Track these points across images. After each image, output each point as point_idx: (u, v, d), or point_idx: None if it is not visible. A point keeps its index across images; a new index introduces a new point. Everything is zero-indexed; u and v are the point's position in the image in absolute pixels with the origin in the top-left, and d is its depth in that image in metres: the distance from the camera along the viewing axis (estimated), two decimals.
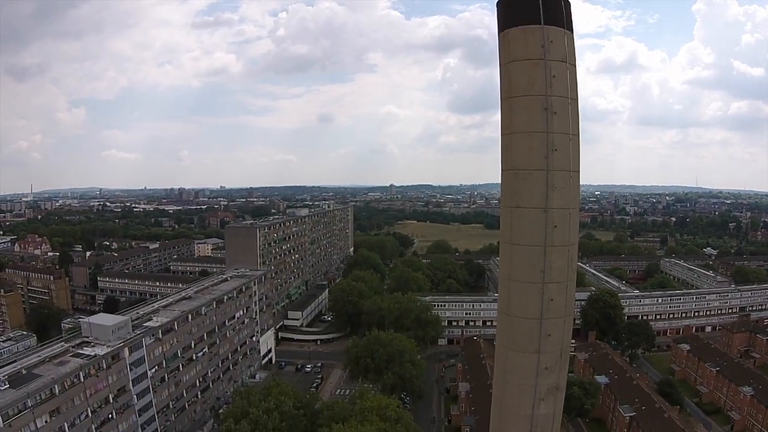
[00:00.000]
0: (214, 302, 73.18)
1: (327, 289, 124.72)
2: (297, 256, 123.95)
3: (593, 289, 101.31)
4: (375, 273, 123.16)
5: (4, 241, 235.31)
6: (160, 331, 60.32)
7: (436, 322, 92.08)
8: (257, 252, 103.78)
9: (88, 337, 54.78)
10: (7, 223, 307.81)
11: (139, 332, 57.30)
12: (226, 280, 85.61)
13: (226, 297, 76.58)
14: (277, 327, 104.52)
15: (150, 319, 62.37)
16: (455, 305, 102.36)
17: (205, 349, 70.07)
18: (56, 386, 45.31)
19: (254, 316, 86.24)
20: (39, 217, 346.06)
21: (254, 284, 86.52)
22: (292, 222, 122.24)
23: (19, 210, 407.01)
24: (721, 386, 74.94)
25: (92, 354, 50.81)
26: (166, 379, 61.08)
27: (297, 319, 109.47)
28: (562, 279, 13.50)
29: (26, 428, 42.19)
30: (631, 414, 62.79)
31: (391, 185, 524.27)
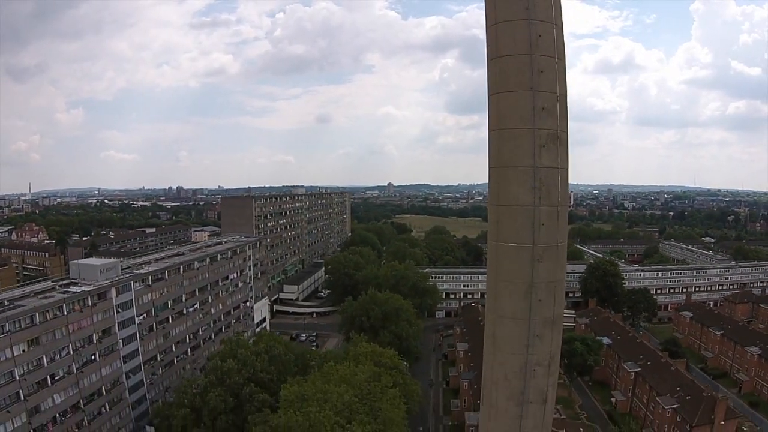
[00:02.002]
0: (208, 258, 71.55)
1: (323, 268, 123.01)
2: (293, 232, 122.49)
3: (592, 261, 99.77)
4: (372, 250, 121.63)
5: (1, 230, 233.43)
6: (150, 277, 58.66)
7: (434, 291, 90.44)
8: (253, 223, 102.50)
9: (75, 279, 53.15)
10: (5, 216, 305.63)
11: (128, 275, 55.65)
12: (220, 243, 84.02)
13: (219, 256, 74.93)
14: (273, 299, 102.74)
15: (141, 268, 60.74)
16: (453, 277, 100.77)
17: (197, 305, 68.25)
18: (37, 315, 43.63)
19: (248, 281, 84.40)
20: (37, 211, 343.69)
21: (249, 248, 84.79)
22: (288, 198, 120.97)
23: (17, 206, 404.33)
24: (726, 350, 73.34)
25: (78, 291, 49.16)
26: (155, 329, 59.24)
27: (293, 293, 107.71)
28: (551, 56, 12.58)
29: (2, 354, 40.49)
30: (636, 369, 61.30)
31: (389, 184, 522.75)
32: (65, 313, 46.36)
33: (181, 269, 65.13)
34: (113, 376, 52.06)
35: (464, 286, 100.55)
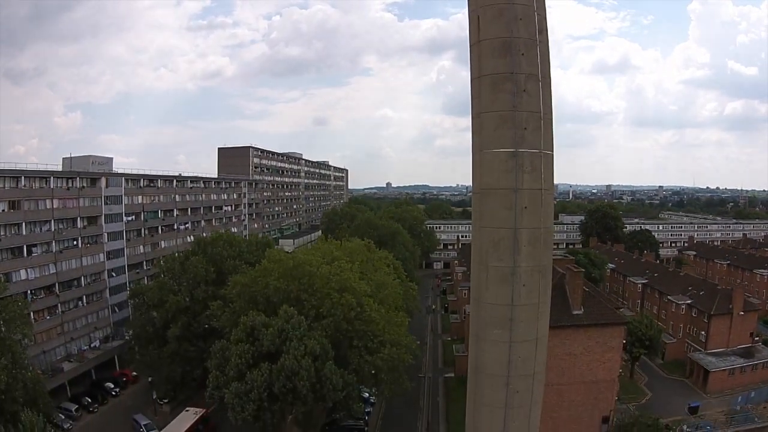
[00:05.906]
0: (202, 182, 70.20)
1: (320, 231, 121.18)
2: (290, 194, 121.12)
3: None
4: (370, 210, 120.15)
5: None
6: (142, 180, 57.18)
7: (431, 234, 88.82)
8: (250, 173, 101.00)
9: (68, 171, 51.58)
10: None
11: (119, 171, 54.29)
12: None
13: (214, 182, 73.60)
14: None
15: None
16: (450, 227, 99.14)
17: (188, 225, 66.54)
18: (22, 179, 42.09)
19: (243, 218, 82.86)
20: None
21: (244, 186, 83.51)
22: (286, 157, 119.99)
23: None
24: (734, 278, 71.53)
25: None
26: (143, 234, 57.45)
27: (289, 246, 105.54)
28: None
29: None
30: (643, 281, 59.51)
31: (388, 184, 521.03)
32: (51, 186, 44.80)
33: (174, 183, 63.70)
34: (94, 269, 50.17)
35: (461, 236, 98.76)
